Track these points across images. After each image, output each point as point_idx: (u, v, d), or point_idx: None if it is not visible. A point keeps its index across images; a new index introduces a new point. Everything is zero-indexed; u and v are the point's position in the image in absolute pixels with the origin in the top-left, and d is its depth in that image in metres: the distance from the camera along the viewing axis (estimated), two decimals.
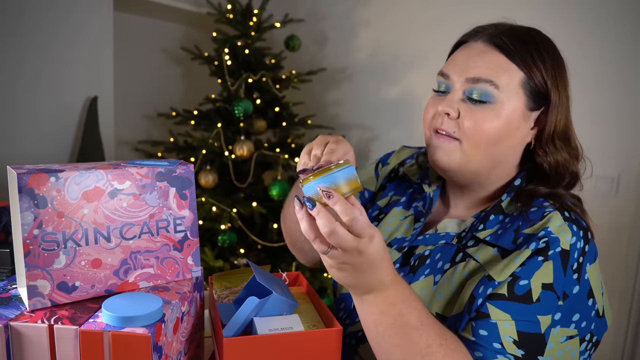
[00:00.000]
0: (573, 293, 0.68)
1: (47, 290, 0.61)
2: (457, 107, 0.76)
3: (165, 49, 2.64)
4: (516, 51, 0.75)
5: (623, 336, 1.90)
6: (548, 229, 0.70)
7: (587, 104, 1.89)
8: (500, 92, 0.74)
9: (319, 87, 2.60)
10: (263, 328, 0.65)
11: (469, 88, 0.75)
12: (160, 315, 0.59)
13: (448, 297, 0.76)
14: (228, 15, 2.16)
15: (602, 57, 1.86)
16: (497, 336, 0.67)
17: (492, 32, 0.78)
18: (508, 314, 0.67)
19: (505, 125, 0.75)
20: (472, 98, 0.75)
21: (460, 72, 0.77)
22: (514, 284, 0.69)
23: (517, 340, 0.67)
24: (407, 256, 0.85)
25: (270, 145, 2.20)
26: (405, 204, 0.95)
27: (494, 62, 0.75)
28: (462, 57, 0.79)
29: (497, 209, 0.78)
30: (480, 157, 0.76)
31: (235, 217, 2.02)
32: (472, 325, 0.70)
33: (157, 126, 2.59)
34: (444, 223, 0.84)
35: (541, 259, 0.68)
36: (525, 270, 0.69)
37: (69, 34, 2.00)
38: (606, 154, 1.86)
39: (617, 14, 1.82)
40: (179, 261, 0.72)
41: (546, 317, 0.67)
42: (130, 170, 0.66)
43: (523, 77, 0.75)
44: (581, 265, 0.69)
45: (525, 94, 0.76)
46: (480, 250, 0.75)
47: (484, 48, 0.77)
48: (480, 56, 0.76)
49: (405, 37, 2.33)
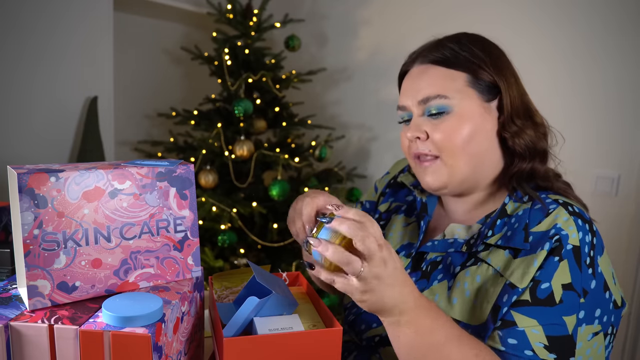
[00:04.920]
0: (592, 288, 0.69)
1: (47, 290, 0.61)
2: (423, 128, 0.81)
3: (165, 49, 2.64)
4: (450, 58, 0.80)
5: (623, 336, 1.90)
6: (557, 225, 0.71)
7: (588, 104, 1.89)
8: (452, 99, 0.79)
9: (319, 87, 2.60)
10: (263, 328, 0.65)
11: (425, 108, 0.81)
12: (161, 315, 0.59)
13: (463, 302, 0.76)
14: (228, 15, 2.16)
15: (604, 57, 1.86)
16: (527, 343, 0.67)
17: (424, 52, 0.84)
18: (534, 319, 0.68)
19: (471, 125, 0.79)
20: (432, 113, 0.80)
21: (412, 98, 0.82)
22: (535, 288, 0.69)
23: (548, 345, 0.67)
24: (417, 262, 0.86)
25: (270, 145, 2.20)
26: (406, 211, 0.96)
27: (435, 77, 0.80)
28: (408, 84, 0.84)
29: (502, 213, 0.80)
30: (461, 163, 0.80)
31: (235, 217, 2.02)
32: (499, 335, 0.70)
33: (157, 126, 2.59)
34: (450, 229, 0.85)
35: (557, 259, 0.69)
36: (545, 273, 0.69)
37: (69, 34, 2.00)
38: (606, 154, 1.87)
39: (620, 11, 1.82)
40: (179, 261, 0.72)
41: (571, 317, 0.68)
42: (131, 170, 0.66)
43: (466, 77, 0.80)
44: (593, 259, 0.70)
45: (476, 90, 0.80)
46: (492, 254, 0.76)
47: (423, 68, 0.83)
48: (422, 77, 0.82)
49: (405, 37, 2.33)
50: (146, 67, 2.58)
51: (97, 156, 2.06)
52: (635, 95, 1.83)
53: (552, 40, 1.93)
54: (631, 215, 1.85)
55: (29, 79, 1.89)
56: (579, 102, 1.91)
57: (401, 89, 0.87)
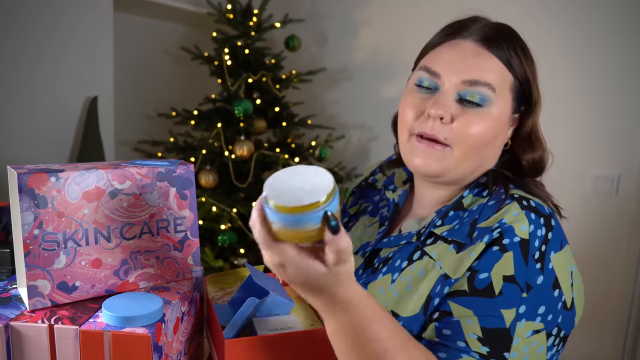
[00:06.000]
0: (537, 284, 0.66)
1: (47, 290, 0.61)
2: (450, 111, 0.72)
3: (165, 49, 2.64)
4: (509, 55, 0.74)
5: (623, 336, 1.90)
6: (502, 220, 0.69)
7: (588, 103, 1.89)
8: (496, 95, 0.73)
9: (319, 87, 2.60)
10: (262, 329, 0.66)
11: (464, 90, 0.72)
12: (161, 315, 0.59)
13: (402, 294, 0.73)
14: (228, 15, 2.16)
15: (604, 56, 1.86)
16: (460, 334, 0.65)
17: (479, 31, 0.76)
18: (470, 309, 0.65)
19: (495, 129, 0.74)
20: (468, 100, 0.72)
21: (454, 72, 0.73)
22: (473, 278, 0.66)
23: (482, 337, 0.64)
24: (371, 259, 0.83)
25: (270, 145, 2.20)
26: (372, 211, 0.93)
27: (490, 65, 0.73)
28: (453, 56, 0.75)
29: (458, 205, 0.77)
30: (469, 162, 0.75)
31: (235, 217, 2.02)
32: (436, 326, 0.67)
33: (157, 126, 2.59)
34: (406, 223, 0.82)
35: (497, 249, 0.66)
36: (484, 263, 0.67)
37: (69, 34, 2.00)
38: (606, 154, 1.87)
39: (620, 11, 1.82)
40: (179, 261, 0.72)
41: (510, 311, 0.64)
42: (131, 170, 0.66)
43: (513, 81, 0.75)
44: (544, 254, 0.67)
45: (513, 97, 0.76)
46: (437, 247, 0.73)
47: (477, 49, 0.74)
48: (476, 57, 0.74)
49: (405, 37, 2.33)
50: (146, 67, 2.58)
51: (97, 156, 2.06)
52: (635, 95, 1.83)
53: (552, 39, 1.93)
54: (631, 215, 1.85)
55: (29, 79, 1.89)
56: (579, 102, 1.91)
57: (437, 54, 0.77)
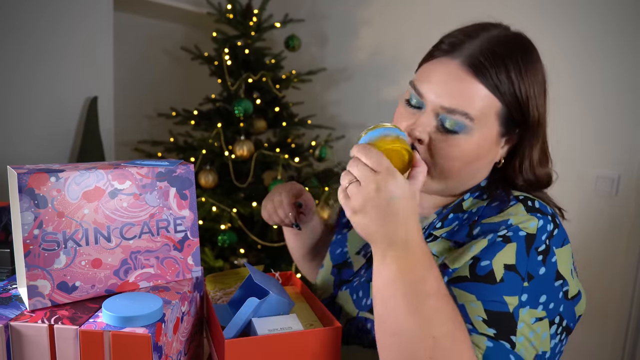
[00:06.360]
0: (539, 274, 0.66)
1: (47, 290, 0.61)
2: (427, 130, 0.73)
3: (165, 49, 2.64)
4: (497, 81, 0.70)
5: (623, 336, 1.90)
6: (508, 221, 0.69)
7: (588, 104, 1.89)
8: (475, 123, 0.71)
9: (319, 87, 2.60)
10: (262, 329, 0.65)
11: (442, 115, 0.71)
12: (161, 315, 0.59)
13: None
14: (228, 15, 2.16)
15: (603, 57, 1.86)
16: (466, 317, 0.65)
17: (470, 52, 0.71)
18: (473, 294, 0.66)
19: (476, 152, 0.73)
20: (444, 126, 0.71)
21: (435, 95, 0.72)
22: (475, 265, 0.67)
23: (487, 319, 0.64)
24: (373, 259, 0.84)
25: (270, 145, 2.20)
26: None
27: (472, 92, 0.70)
28: (437, 77, 0.73)
29: (458, 208, 0.78)
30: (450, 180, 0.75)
31: (235, 217, 2.02)
32: None
33: (157, 126, 2.59)
34: None
35: (500, 240, 0.67)
36: (486, 252, 0.67)
37: (69, 34, 2.00)
38: (606, 154, 1.87)
39: (619, 12, 1.82)
40: (179, 261, 0.72)
41: (513, 298, 0.65)
42: (131, 170, 0.66)
43: (501, 109, 0.71)
44: (549, 248, 0.68)
45: (500, 123, 0.73)
46: (437, 244, 0.75)
47: (462, 74, 0.70)
48: (459, 82, 0.70)
49: (405, 37, 2.33)
50: (146, 67, 2.58)
51: (97, 156, 2.06)
52: (634, 95, 1.83)
53: (551, 40, 1.93)
54: (631, 215, 1.85)
55: (29, 79, 1.90)
56: (579, 102, 1.91)
57: (425, 72, 0.76)
